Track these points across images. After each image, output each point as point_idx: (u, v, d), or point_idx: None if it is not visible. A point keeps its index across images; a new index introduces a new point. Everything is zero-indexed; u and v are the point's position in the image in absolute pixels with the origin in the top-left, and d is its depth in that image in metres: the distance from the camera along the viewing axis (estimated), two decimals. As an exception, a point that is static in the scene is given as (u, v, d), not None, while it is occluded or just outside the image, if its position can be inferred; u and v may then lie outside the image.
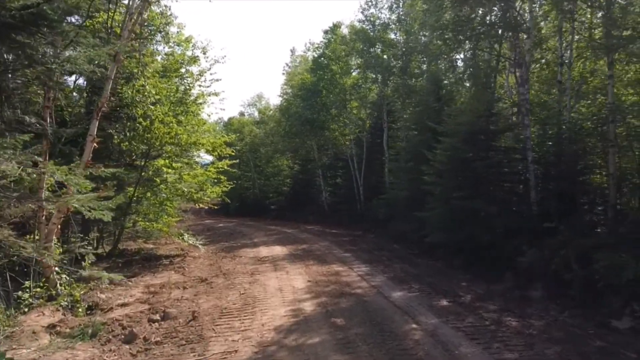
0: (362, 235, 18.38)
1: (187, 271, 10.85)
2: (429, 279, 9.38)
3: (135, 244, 14.74)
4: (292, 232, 19.54)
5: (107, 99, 7.22)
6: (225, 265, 11.31)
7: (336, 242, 15.29)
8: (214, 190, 13.40)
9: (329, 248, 13.92)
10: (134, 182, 13.21)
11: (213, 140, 13.18)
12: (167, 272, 10.84)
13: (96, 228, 13.20)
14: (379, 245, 15.15)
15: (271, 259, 12.01)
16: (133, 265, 11.74)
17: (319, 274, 9.92)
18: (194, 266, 11.51)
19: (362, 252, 13.16)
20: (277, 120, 32.93)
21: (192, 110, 12.49)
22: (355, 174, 25.05)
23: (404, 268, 10.69)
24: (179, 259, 12.59)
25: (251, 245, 15.05)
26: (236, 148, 40.41)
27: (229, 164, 13.76)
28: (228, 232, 20.66)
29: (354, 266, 10.78)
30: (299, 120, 26.06)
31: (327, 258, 11.97)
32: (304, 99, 25.98)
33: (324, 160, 30.56)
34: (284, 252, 13.17)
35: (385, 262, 11.42)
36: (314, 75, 25.51)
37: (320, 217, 27.66)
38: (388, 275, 9.67)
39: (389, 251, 13.67)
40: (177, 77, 12.85)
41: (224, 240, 17.43)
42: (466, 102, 12.79)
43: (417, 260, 12.34)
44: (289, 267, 10.72)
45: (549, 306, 7.61)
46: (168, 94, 12.40)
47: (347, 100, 25.58)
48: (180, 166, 13.19)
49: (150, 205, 13.56)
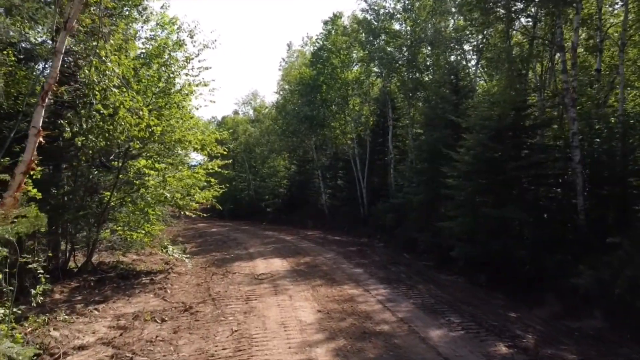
0: (368, 244, 16.62)
1: (169, 294, 9.00)
2: (467, 307, 7.62)
3: (114, 256, 12.85)
4: (291, 239, 17.73)
5: (55, 79, 5.40)
6: (215, 286, 9.47)
7: (343, 254, 13.50)
8: (203, 195, 11.56)
9: (336, 261, 12.13)
10: (111, 185, 11.44)
11: (201, 137, 11.33)
12: (145, 294, 8.99)
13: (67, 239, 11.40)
14: (391, 257, 13.39)
15: (270, 277, 10.20)
16: (106, 285, 9.89)
17: (330, 299, 8.12)
18: (178, 286, 9.66)
19: (375, 266, 11.39)
20: (274, 118, 31.09)
21: (176, 101, 10.64)
22: (358, 175, 23.31)
23: (430, 290, 8.92)
24: (161, 276, 10.74)
25: (246, 258, 13.21)
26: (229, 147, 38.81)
27: (221, 164, 11.91)
28: (220, 240, 18.80)
29: (370, 287, 9.00)
30: (296, 117, 24.26)
31: (336, 276, 10.17)
32: (302, 94, 24.19)
33: (323, 161, 28.78)
34: (284, 267, 11.36)
35: (406, 282, 9.65)
36: (313, 69, 23.72)
37: (320, 222, 25.87)
38: (415, 302, 7.89)
39: (406, 265, 11.91)
40: (160, 65, 11.00)
41: (216, 249, 15.58)
42: (497, 92, 11.03)
43: (440, 278, 10.61)
44: (292, 289, 8.91)
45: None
46: (149, 84, 10.57)
47: (348, 95, 23.82)
48: (165, 167, 11.33)
49: (130, 212, 11.73)
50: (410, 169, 14.69)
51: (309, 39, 32.01)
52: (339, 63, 23.07)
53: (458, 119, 11.48)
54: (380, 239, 19.10)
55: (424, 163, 14.42)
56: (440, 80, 15.04)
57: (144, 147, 10.92)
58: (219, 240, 18.58)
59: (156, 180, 11.14)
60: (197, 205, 12.44)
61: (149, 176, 11.06)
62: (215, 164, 11.87)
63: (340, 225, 24.10)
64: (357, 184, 23.43)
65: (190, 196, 11.46)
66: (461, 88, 14.12)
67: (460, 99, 13.96)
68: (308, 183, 30.68)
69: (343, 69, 23.16)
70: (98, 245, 12.73)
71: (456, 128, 13.68)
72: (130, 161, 11.47)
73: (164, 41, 11.13)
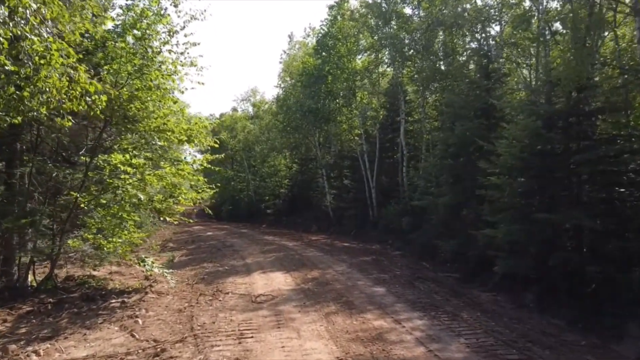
0: (382, 252, 14.57)
1: (139, 325, 6.93)
2: (542, 352, 5.55)
3: (84, 270, 10.80)
4: (294, 246, 15.66)
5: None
6: (200, 314, 7.40)
7: (356, 266, 11.43)
8: (189, 197, 9.49)
9: (350, 276, 10.07)
10: (78, 185, 9.41)
11: (187, 125, 9.25)
12: (109, 326, 6.91)
13: (25, 250, 9.39)
14: (412, 269, 11.33)
15: (271, 300, 8.13)
16: (64, 310, 7.83)
17: (352, 336, 6.06)
18: (154, 313, 7.59)
19: (400, 284, 9.32)
20: (274, 113, 29.00)
21: (155, 81, 8.55)
22: (367, 174, 21.21)
23: (479, 320, 6.85)
24: (136, 297, 8.67)
25: (242, 271, 11.14)
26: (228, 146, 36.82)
27: (210, 159, 9.84)
28: (215, 246, 16.71)
29: (401, 317, 6.93)
30: (299, 110, 22.14)
31: (353, 297, 8.11)
32: (306, 85, 22.11)
33: (327, 159, 26.70)
34: (288, 285, 9.29)
35: (443, 307, 7.58)
36: (317, 57, 21.64)
37: (324, 225, 23.83)
38: (468, 342, 5.81)
39: (434, 281, 9.85)
40: (137, 39, 8.93)
41: (209, 258, 13.50)
42: (558, 70, 8.97)
43: (480, 299, 8.55)
44: (300, 320, 6.84)
45: None
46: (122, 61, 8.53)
47: (356, 87, 21.75)
48: (143, 163, 9.25)
49: (101, 217, 9.71)
50: (433, 166, 12.62)
51: (311, 30, 29.96)
52: (346, 51, 21.01)
53: (501, 103, 9.35)
54: (392, 244, 17.10)
55: (449, 159, 12.36)
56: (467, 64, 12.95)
57: (119, 135, 8.93)
58: (214, 247, 16.51)
59: (133, 179, 9.11)
60: (181, 209, 10.40)
61: (126, 174, 9.03)
62: (205, 159, 9.81)
63: (346, 229, 22.06)
64: (366, 184, 21.36)
65: (174, 198, 9.40)
66: (493, 71, 12.05)
67: (493, 84, 11.91)
68: (311, 183, 28.63)
69: (350, 57, 21.09)
70: (65, 257, 10.71)
71: (490, 117, 11.67)
72: (101, 156, 9.46)
73: (141, 10, 9.06)
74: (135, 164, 8.95)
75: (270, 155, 32.58)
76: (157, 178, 9.27)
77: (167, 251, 16.49)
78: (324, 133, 25.66)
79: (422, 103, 19.76)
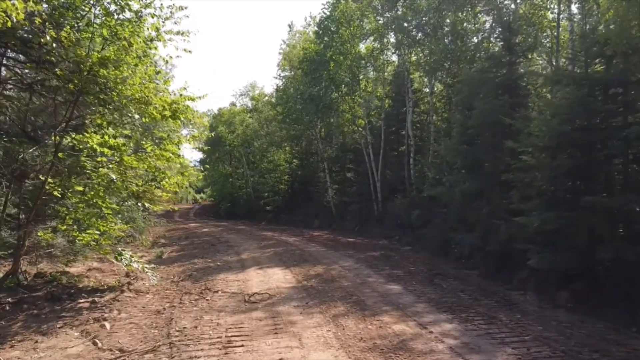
0: (391, 247, 13.28)
1: (106, 330, 5.66)
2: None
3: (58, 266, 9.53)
4: (294, 242, 14.40)
5: None
6: (182, 316, 6.13)
7: (364, 261, 10.17)
8: (174, 181, 8.21)
9: (359, 272, 8.79)
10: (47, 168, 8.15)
11: (170, 99, 7.98)
12: (69, 331, 5.65)
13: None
14: (429, 265, 10.08)
15: (267, 300, 6.86)
16: (22, 312, 6.57)
17: (367, 344, 4.79)
18: (127, 315, 6.32)
19: (417, 281, 8.04)
20: (274, 104, 27.71)
21: (129, 43, 7.28)
22: (371, 166, 19.94)
23: (521, 324, 5.58)
24: (110, 297, 7.40)
25: (236, 267, 9.87)
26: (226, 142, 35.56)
27: (198, 136, 8.57)
28: (209, 242, 15.45)
29: (426, 319, 5.66)
30: (300, 98, 20.86)
31: (365, 297, 6.83)
32: (307, 72, 20.80)
33: (329, 152, 25.41)
34: (287, 282, 8.03)
35: (474, 307, 6.31)
36: (319, 41, 20.35)
37: (326, 221, 22.59)
38: (519, 354, 4.52)
39: (456, 278, 8.59)
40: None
41: (201, 254, 12.23)
42: (604, 31, 7.70)
43: (512, 298, 7.29)
44: (302, 323, 5.57)
45: None
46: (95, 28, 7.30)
47: (360, 74, 20.48)
48: (122, 144, 7.98)
49: (74, 205, 8.45)
50: (450, 150, 11.33)
51: (312, 19, 28.73)
52: (349, 36, 19.73)
53: (535, 72, 8.08)
54: (400, 240, 15.88)
55: (464, 144, 11.09)
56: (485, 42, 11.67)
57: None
58: (207, 243, 15.25)
59: (112, 162, 7.86)
60: (167, 196, 9.13)
61: (103, 156, 7.76)
62: (192, 138, 8.54)
63: (350, 224, 20.84)
64: (370, 177, 20.09)
65: (156, 182, 8.12)
66: (516, 45, 10.77)
67: (515, 60, 10.65)
68: (312, 178, 27.34)
69: (354, 42, 19.80)
70: (38, 252, 9.45)
71: (515, 93, 10.41)
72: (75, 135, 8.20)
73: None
74: (113, 144, 7.67)
75: (270, 150, 31.32)
76: (138, 160, 8.01)
77: (159, 247, 15.24)
78: (326, 125, 24.41)
79: (430, 91, 18.51)
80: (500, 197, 10.40)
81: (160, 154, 8.34)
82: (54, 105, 8.58)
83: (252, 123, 33.65)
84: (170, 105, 8.16)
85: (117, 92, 7.14)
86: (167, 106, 8.16)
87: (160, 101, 7.99)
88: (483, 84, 10.55)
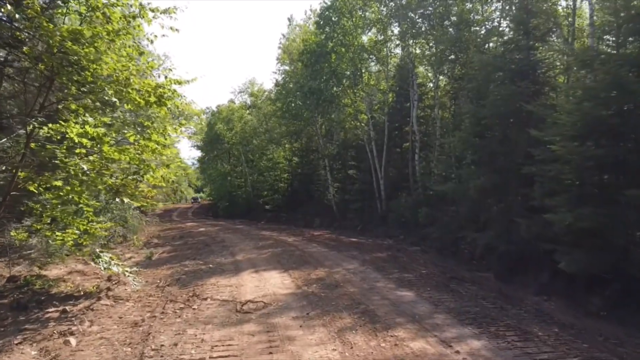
0: (396, 247, 12.41)
1: (70, 348, 4.79)
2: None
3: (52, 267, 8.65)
4: (294, 242, 13.52)
5: None
6: (162, 329, 5.25)
7: (370, 262, 9.29)
8: (158, 174, 7.33)
9: (365, 276, 7.92)
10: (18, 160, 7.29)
11: (154, 82, 7.10)
12: (26, 349, 4.78)
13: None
14: (441, 267, 9.21)
15: (262, 310, 5.98)
16: (-21, 324, 5.70)
17: (382, 369, 3.93)
18: (99, 329, 5.44)
19: (432, 287, 7.15)
20: (273, 99, 26.82)
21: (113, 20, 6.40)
22: (374, 163, 19.04)
23: (564, 339, 4.70)
24: (83, 305, 6.52)
25: (230, 270, 8.99)
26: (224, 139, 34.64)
27: (185, 124, 7.66)
28: (204, 242, 14.58)
29: (448, 334, 4.79)
30: (300, 91, 19.97)
31: (375, 306, 5.95)
32: (307, 65, 19.90)
33: (330, 149, 24.52)
34: (286, 288, 7.15)
35: (503, 319, 5.42)
36: (320, 32, 19.46)
37: (327, 220, 21.69)
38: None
39: (474, 282, 7.71)
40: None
41: (192, 255, 11.36)
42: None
43: (543, 306, 6.41)
44: (303, 341, 4.70)
45: None
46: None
47: (363, 66, 19.59)
48: (104, 133, 7.10)
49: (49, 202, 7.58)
50: (462, 142, 10.42)
51: (312, 12, 27.89)
52: (352, 26, 18.84)
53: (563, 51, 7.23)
54: (405, 239, 15.02)
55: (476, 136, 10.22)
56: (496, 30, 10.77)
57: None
58: (202, 243, 14.38)
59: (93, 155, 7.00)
60: (153, 192, 8.24)
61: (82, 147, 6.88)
62: (179, 126, 7.65)
63: (352, 223, 19.93)
64: (373, 175, 19.20)
65: (137, 175, 7.24)
66: (534, 28, 9.89)
67: (533, 45, 9.78)
68: (312, 176, 26.46)
69: (356, 32, 18.91)
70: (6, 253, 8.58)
71: (534, 79, 9.53)
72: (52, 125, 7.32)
73: None
74: (93, 134, 6.78)
75: (269, 147, 30.43)
76: (119, 151, 7.13)
77: (151, 247, 14.37)
78: (327, 121, 23.53)
79: (436, 84, 17.64)
80: (518, 193, 9.54)
81: (145, 145, 7.48)
82: (24, 90, 7.72)
83: (251, 120, 32.78)
84: (154, 89, 7.29)
85: (91, 71, 6.26)
86: (151, 90, 7.29)
87: (144, 84, 7.12)
88: (498, 69, 9.67)
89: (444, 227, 12.86)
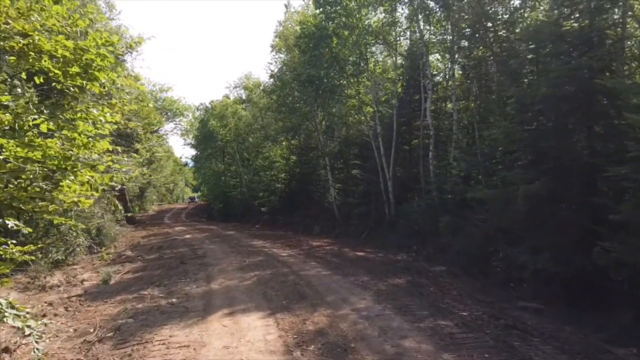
0: (415, 266, 10.05)
1: None
2: None
3: None
4: (288, 257, 11.13)
5: None
6: None
7: (388, 297, 6.88)
8: (82, 179, 4.95)
9: (387, 328, 5.49)
10: None
11: (72, 43, 4.72)
12: None
13: None
14: (482, 302, 6.82)
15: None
16: None
17: None
18: None
19: (484, 343, 4.74)
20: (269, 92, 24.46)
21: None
22: (382, 162, 16.66)
23: None
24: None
25: (195, 310, 6.54)
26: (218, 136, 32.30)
27: (130, 107, 5.26)
28: (182, 256, 12.19)
29: None
30: (297, 80, 17.57)
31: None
32: (305, 50, 17.50)
33: (330, 146, 22.14)
34: (269, 352, 4.73)
35: None
36: (319, 11, 17.04)
37: (329, 225, 19.30)
38: None
39: (541, 334, 5.32)
40: None
41: (159, 279, 8.94)
42: None
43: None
44: None
45: None
46: None
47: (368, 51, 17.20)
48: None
49: None
50: (505, 134, 7.95)
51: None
52: (356, 5, 16.44)
53: None
54: (420, 251, 12.74)
55: (523, 126, 7.84)
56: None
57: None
58: (179, 257, 11.99)
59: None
60: (88, 203, 5.78)
61: None
62: (123, 104, 5.26)
63: (356, 230, 17.53)
64: (380, 175, 16.82)
65: (48, 182, 4.85)
66: None
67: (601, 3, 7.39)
68: (312, 176, 24.08)
69: (360, 12, 16.51)
70: None
71: (606, 50, 7.16)
72: None
73: None
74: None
75: (265, 145, 28.08)
76: (22, 145, 4.73)
77: (119, 263, 12.02)
78: (327, 115, 21.17)
79: (452, 73, 15.30)
80: (585, 203, 7.15)
81: (70, 136, 5.12)
82: None
83: (246, 115, 30.42)
84: (74, 51, 4.90)
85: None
86: (69, 55, 4.91)
87: (55, 44, 4.74)
88: (559, 37, 7.26)
89: (470, 239, 10.55)
